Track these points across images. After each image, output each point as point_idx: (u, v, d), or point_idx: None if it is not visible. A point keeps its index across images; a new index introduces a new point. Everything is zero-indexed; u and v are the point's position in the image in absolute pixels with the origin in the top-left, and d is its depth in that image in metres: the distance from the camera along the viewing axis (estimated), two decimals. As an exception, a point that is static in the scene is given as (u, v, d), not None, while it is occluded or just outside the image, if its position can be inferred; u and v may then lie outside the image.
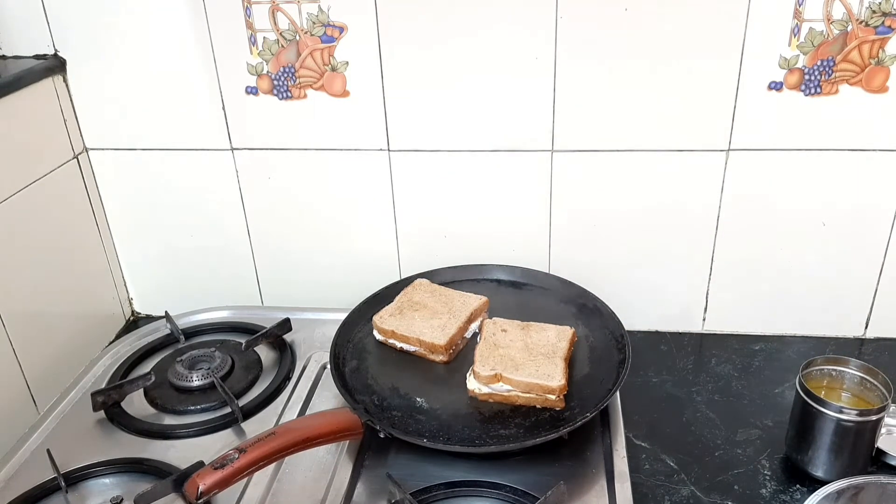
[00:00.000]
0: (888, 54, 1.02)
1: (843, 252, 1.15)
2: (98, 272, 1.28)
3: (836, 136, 1.08)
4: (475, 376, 0.96)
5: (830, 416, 0.89)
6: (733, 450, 1.00)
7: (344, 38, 1.09)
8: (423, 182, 1.19)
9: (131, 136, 1.21)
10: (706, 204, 1.15)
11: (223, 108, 1.16)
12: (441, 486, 0.87)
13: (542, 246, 1.21)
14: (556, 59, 1.07)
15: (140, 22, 1.11)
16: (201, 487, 0.77)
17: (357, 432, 0.91)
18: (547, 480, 0.86)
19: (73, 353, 1.18)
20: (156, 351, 1.15)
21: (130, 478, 0.92)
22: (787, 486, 0.94)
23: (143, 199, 1.26)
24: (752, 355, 1.18)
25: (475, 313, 1.08)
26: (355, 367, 1.03)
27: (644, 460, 0.99)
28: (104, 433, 0.99)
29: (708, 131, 1.10)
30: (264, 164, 1.20)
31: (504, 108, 1.11)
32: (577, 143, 1.12)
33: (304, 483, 0.90)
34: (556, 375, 0.93)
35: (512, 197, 1.18)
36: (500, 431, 0.91)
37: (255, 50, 1.11)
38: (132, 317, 1.36)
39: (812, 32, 1.02)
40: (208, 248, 1.29)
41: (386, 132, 1.15)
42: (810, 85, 1.05)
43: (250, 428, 0.99)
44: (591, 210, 1.17)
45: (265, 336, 1.13)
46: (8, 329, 1.06)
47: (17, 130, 1.08)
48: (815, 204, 1.13)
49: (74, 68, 1.16)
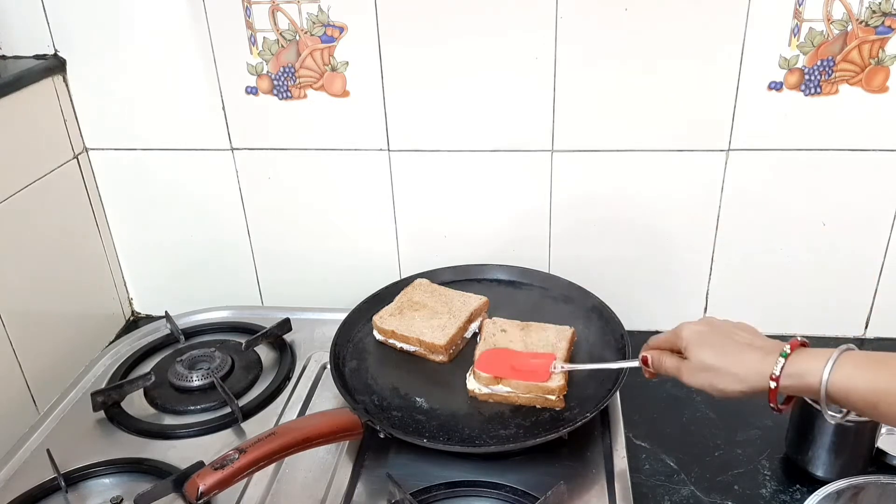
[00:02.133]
0: (888, 54, 1.02)
1: (843, 252, 1.15)
2: (98, 272, 1.28)
3: (836, 136, 1.08)
4: (475, 377, 0.96)
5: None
6: (733, 450, 1.00)
7: (344, 38, 1.09)
8: (423, 182, 1.19)
9: (131, 136, 1.21)
10: (706, 204, 1.15)
11: (223, 108, 1.16)
12: (441, 486, 0.87)
13: (542, 246, 1.21)
14: (556, 59, 1.07)
15: (140, 22, 1.11)
16: (201, 488, 0.77)
17: (357, 432, 0.90)
18: (547, 480, 0.86)
19: (73, 353, 1.18)
20: (156, 351, 1.15)
21: (130, 478, 0.92)
22: (788, 486, 0.94)
23: (143, 199, 1.26)
24: (752, 355, 1.18)
25: (475, 313, 1.08)
26: (355, 367, 1.03)
27: (644, 460, 0.99)
28: (104, 433, 0.99)
29: (708, 131, 1.10)
30: (264, 164, 1.20)
31: (504, 108, 1.11)
32: (577, 143, 1.12)
33: (304, 483, 0.90)
34: (556, 376, 0.93)
35: (512, 197, 1.18)
36: (500, 431, 0.91)
37: (255, 50, 1.11)
38: (132, 317, 1.36)
39: (812, 32, 1.02)
40: (208, 248, 1.29)
41: (386, 132, 1.15)
42: (810, 85, 1.05)
43: (250, 428, 0.99)
44: (591, 210, 1.17)
45: (265, 336, 1.13)
46: (8, 329, 1.06)
47: (17, 130, 1.08)
48: (815, 204, 1.13)
49: (74, 68, 1.16)
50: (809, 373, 0.68)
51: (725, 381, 0.73)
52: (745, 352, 0.73)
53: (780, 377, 0.69)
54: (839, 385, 0.66)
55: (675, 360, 0.79)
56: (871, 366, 0.66)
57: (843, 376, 0.66)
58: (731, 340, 0.75)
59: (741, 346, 0.74)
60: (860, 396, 0.66)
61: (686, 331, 0.78)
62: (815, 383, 0.67)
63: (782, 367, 0.69)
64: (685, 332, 0.78)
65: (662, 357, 0.80)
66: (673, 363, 0.79)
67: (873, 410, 0.66)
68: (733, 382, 0.73)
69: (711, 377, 0.74)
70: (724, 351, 0.74)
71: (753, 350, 0.73)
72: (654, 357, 0.82)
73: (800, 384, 0.69)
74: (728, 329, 0.77)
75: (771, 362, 0.70)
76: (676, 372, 0.78)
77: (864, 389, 0.66)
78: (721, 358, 0.74)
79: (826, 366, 0.67)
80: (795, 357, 0.70)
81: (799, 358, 0.70)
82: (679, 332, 0.79)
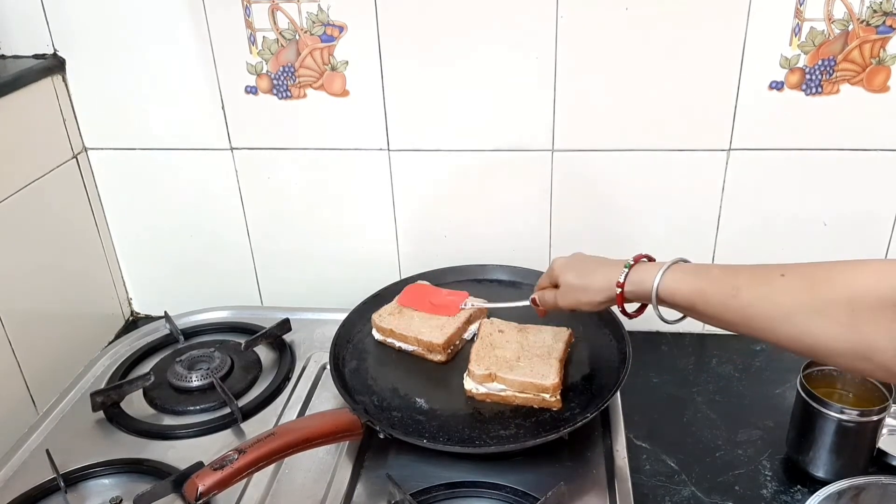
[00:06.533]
0: (889, 54, 1.02)
1: (844, 252, 1.13)
2: (97, 272, 1.28)
3: (837, 136, 1.07)
4: (470, 375, 0.96)
5: (831, 417, 0.89)
6: (734, 450, 1.00)
7: (344, 38, 1.09)
8: (423, 182, 1.19)
9: (131, 136, 1.21)
10: (707, 204, 1.14)
11: (223, 107, 1.16)
12: (441, 486, 0.87)
13: (542, 246, 1.21)
14: (557, 58, 1.07)
15: (139, 21, 1.11)
16: (201, 488, 0.77)
17: (357, 433, 0.90)
18: (547, 481, 0.85)
19: (72, 353, 1.18)
20: (155, 351, 1.15)
21: (130, 478, 0.92)
22: (788, 487, 0.94)
23: (142, 198, 1.26)
24: (752, 356, 1.18)
25: (475, 314, 1.07)
26: (355, 367, 1.03)
27: (645, 461, 0.98)
28: (103, 433, 0.99)
29: (709, 131, 1.09)
30: (264, 163, 1.20)
31: (504, 107, 1.11)
32: (577, 142, 1.12)
33: (303, 483, 0.90)
34: (550, 375, 0.93)
35: (512, 197, 1.18)
36: (501, 432, 0.91)
37: (255, 49, 1.11)
38: (131, 317, 1.36)
39: (813, 32, 1.02)
40: (208, 247, 1.29)
41: (386, 132, 1.15)
42: (811, 84, 1.05)
43: (250, 428, 0.99)
44: (591, 210, 1.17)
45: (265, 336, 1.13)
46: (7, 329, 1.06)
47: (17, 130, 1.08)
48: (816, 204, 1.12)
49: (74, 68, 1.16)
50: (646, 280, 0.79)
51: (588, 294, 0.86)
52: (599, 268, 0.86)
53: (624, 283, 0.81)
54: (666, 288, 0.77)
55: (552, 292, 0.92)
56: (693, 272, 0.77)
57: (670, 280, 0.77)
58: (589, 262, 0.89)
59: (596, 264, 0.87)
60: (683, 297, 0.76)
61: (557, 263, 0.91)
62: (649, 288, 0.78)
63: (625, 275, 0.81)
64: (556, 264, 0.91)
65: (544, 293, 0.93)
66: (551, 294, 0.92)
67: (692, 310, 0.76)
68: (593, 295, 0.85)
69: (578, 293, 0.87)
70: (583, 271, 0.88)
71: (606, 265, 0.86)
72: (539, 295, 0.95)
73: (639, 290, 0.80)
74: (588, 257, 0.90)
75: (617, 273, 0.82)
76: (554, 300, 0.91)
77: (686, 291, 0.76)
78: (581, 277, 0.87)
79: (658, 273, 0.78)
80: (637, 268, 0.82)
81: (640, 268, 0.81)
82: (552, 266, 0.92)
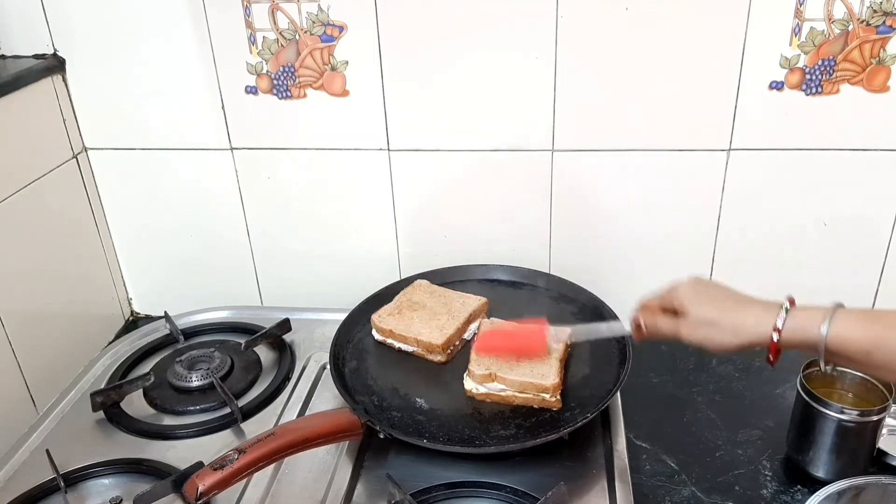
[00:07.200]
0: (889, 54, 1.02)
1: (844, 252, 1.15)
2: (97, 272, 1.28)
3: (837, 136, 1.07)
4: (470, 375, 0.96)
5: (831, 417, 0.89)
6: (734, 450, 1.00)
7: (344, 38, 1.09)
8: (423, 182, 1.19)
9: (131, 136, 1.20)
10: (707, 203, 1.14)
11: (223, 107, 1.16)
12: (441, 486, 0.87)
13: (542, 246, 1.21)
14: (557, 58, 1.07)
15: (139, 21, 1.11)
16: (201, 488, 0.77)
17: (357, 433, 0.90)
18: (547, 481, 0.85)
19: (72, 353, 1.18)
20: (155, 351, 1.15)
21: (130, 478, 0.92)
22: (788, 487, 0.94)
23: (142, 198, 1.26)
24: (752, 355, 1.16)
25: (474, 314, 1.07)
26: (355, 367, 1.03)
27: (645, 461, 0.98)
28: (103, 433, 0.99)
29: (709, 131, 1.09)
30: (264, 163, 1.20)
31: (504, 107, 1.11)
32: (577, 142, 1.12)
33: (303, 483, 0.90)
34: (549, 374, 0.93)
35: (512, 197, 1.18)
36: (501, 432, 0.91)
37: (255, 49, 1.11)
38: (131, 317, 1.36)
39: (813, 32, 1.02)
40: (208, 248, 1.29)
41: (386, 132, 1.15)
42: (811, 84, 1.05)
43: (250, 428, 0.98)
44: (592, 210, 1.17)
45: (265, 336, 1.12)
46: (7, 329, 1.06)
47: (17, 130, 1.08)
48: (816, 204, 1.12)
49: (74, 68, 1.16)
50: (808, 327, 0.73)
51: (724, 334, 0.77)
52: (745, 306, 0.78)
53: (782, 330, 0.73)
54: (837, 337, 0.71)
55: (669, 320, 0.82)
56: (864, 319, 0.72)
57: (839, 328, 0.71)
58: (729, 296, 0.80)
59: (740, 302, 0.79)
60: (856, 347, 0.71)
61: (682, 290, 0.81)
62: (814, 335, 0.72)
63: (784, 320, 0.74)
64: (681, 291, 0.81)
65: (658, 320, 0.83)
66: (668, 322, 0.82)
67: (867, 358, 0.71)
68: (732, 336, 0.77)
69: (712, 331, 0.78)
70: (724, 306, 0.78)
71: (753, 305, 0.77)
72: (646, 319, 0.84)
73: (799, 337, 0.73)
74: (720, 287, 0.82)
75: (772, 316, 0.74)
76: (673, 330, 0.81)
77: (858, 339, 0.71)
78: (722, 313, 0.78)
79: (825, 319, 0.72)
80: (794, 312, 0.74)
81: (797, 313, 0.74)
82: (674, 292, 0.82)
